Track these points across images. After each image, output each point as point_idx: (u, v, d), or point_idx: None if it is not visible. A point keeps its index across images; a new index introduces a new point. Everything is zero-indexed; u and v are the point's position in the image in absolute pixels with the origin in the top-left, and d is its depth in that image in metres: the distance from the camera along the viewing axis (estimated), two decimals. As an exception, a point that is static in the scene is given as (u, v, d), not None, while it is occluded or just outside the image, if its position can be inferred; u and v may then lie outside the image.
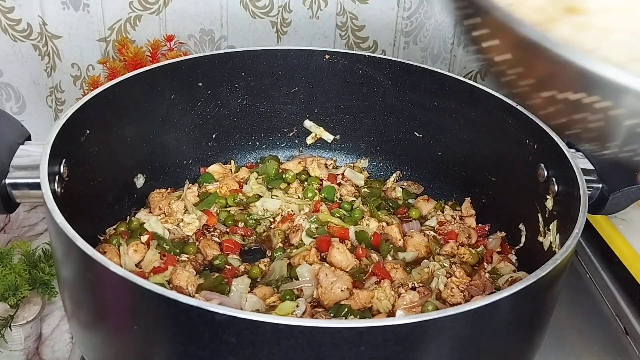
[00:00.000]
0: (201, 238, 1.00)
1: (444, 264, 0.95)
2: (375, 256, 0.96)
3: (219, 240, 1.00)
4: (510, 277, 0.92)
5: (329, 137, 1.18)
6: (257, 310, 0.86)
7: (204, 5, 1.32)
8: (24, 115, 1.39)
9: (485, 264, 0.97)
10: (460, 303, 0.88)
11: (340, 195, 1.10)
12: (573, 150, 0.88)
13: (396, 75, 1.10)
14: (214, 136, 1.13)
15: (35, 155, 0.79)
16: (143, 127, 1.02)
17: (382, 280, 0.89)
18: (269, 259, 0.97)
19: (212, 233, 1.01)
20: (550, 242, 0.89)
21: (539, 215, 0.92)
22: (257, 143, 1.17)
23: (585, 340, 1.04)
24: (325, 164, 1.16)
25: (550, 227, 0.89)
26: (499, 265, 0.96)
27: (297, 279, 0.91)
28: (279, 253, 0.97)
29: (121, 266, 0.85)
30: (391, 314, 0.86)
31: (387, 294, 0.87)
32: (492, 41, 0.53)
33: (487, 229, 1.05)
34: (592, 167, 0.88)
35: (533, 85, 0.53)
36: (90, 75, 1.35)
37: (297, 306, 0.85)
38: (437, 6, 1.33)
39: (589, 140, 0.54)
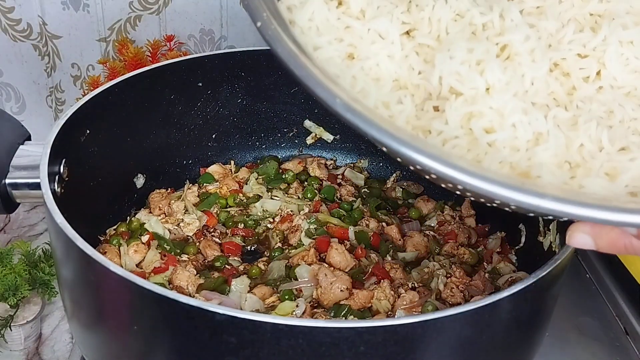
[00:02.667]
0: (201, 238, 1.00)
1: (444, 264, 0.95)
2: (374, 256, 0.96)
3: (220, 241, 1.00)
4: (510, 277, 0.92)
5: (329, 137, 1.18)
6: (257, 310, 0.86)
7: (204, 5, 1.32)
8: (24, 115, 1.39)
9: (485, 264, 0.97)
10: (460, 303, 0.88)
11: (340, 195, 1.10)
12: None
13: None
14: (214, 136, 1.13)
15: (35, 155, 0.79)
16: (143, 127, 1.02)
17: (382, 280, 0.89)
18: (268, 257, 0.97)
19: (213, 234, 1.01)
20: (550, 242, 0.89)
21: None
22: (257, 143, 1.17)
23: (585, 340, 1.04)
24: (325, 164, 1.16)
25: (550, 227, 0.89)
26: (499, 265, 0.96)
27: (295, 279, 0.91)
28: (277, 253, 0.97)
29: (122, 266, 0.85)
30: (391, 314, 0.86)
31: (386, 294, 0.87)
32: None
33: (487, 229, 1.05)
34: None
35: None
36: (90, 75, 1.35)
37: (297, 306, 0.85)
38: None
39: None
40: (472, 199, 0.62)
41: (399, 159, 0.56)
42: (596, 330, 1.06)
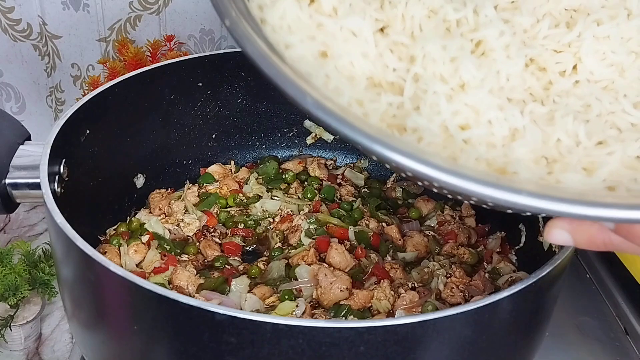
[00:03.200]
0: (201, 239, 1.00)
1: (444, 264, 0.95)
2: (374, 256, 0.96)
3: (220, 241, 1.00)
4: (510, 277, 0.92)
5: (329, 137, 1.18)
6: (257, 310, 0.86)
7: (204, 5, 1.32)
8: (24, 115, 1.39)
9: (485, 264, 0.97)
10: (460, 303, 0.88)
11: (340, 195, 1.10)
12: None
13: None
14: (214, 136, 1.13)
15: (35, 155, 0.79)
16: (143, 127, 1.02)
17: (382, 280, 0.89)
18: (267, 257, 0.98)
19: (213, 234, 1.01)
20: (550, 242, 0.89)
21: (539, 214, 0.92)
22: (257, 143, 1.17)
23: (585, 340, 1.04)
24: (325, 164, 1.16)
25: (550, 227, 0.89)
26: (499, 265, 0.96)
27: (295, 279, 0.91)
28: (276, 253, 0.97)
29: (122, 266, 0.85)
30: (391, 314, 0.86)
31: (386, 294, 0.87)
32: None
33: (487, 229, 1.05)
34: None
35: None
36: (90, 75, 1.35)
37: (297, 306, 0.86)
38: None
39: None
40: (449, 196, 0.62)
41: (373, 157, 0.55)
42: (596, 330, 1.06)
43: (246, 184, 1.10)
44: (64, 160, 0.83)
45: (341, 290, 0.86)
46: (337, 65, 0.60)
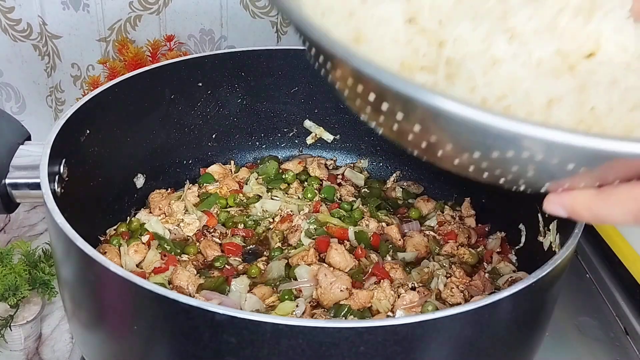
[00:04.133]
0: (202, 239, 1.00)
1: (444, 264, 0.95)
2: (374, 256, 0.96)
3: (220, 241, 1.00)
4: (510, 277, 0.93)
5: (329, 137, 1.18)
6: (257, 310, 0.86)
7: (204, 5, 1.32)
8: (24, 115, 1.39)
9: (485, 264, 0.97)
10: (460, 303, 0.88)
11: (340, 195, 1.10)
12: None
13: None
14: (214, 136, 1.13)
15: (35, 155, 0.79)
16: (143, 127, 1.02)
17: (382, 280, 0.89)
18: (267, 257, 0.98)
19: (213, 234, 1.01)
20: (550, 242, 0.89)
21: (539, 215, 0.92)
22: (257, 143, 1.17)
23: (585, 340, 1.04)
24: (325, 164, 1.16)
25: (550, 227, 0.89)
26: (499, 265, 0.96)
27: (295, 279, 0.91)
28: (276, 253, 0.97)
29: (122, 266, 0.85)
30: (391, 314, 0.86)
31: (386, 294, 0.87)
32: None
33: (487, 229, 1.05)
34: (592, 167, 0.88)
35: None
36: (90, 75, 1.35)
37: (297, 306, 0.86)
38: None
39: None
40: (487, 173, 0.61)
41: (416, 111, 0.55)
42: (596, 330, 1.06)
43: (246, 184, 1.10)
44: (64, 160, 0.83)
45: (341, 290, 0.86)
46: (371, 49, 0.61)
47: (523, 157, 0.53)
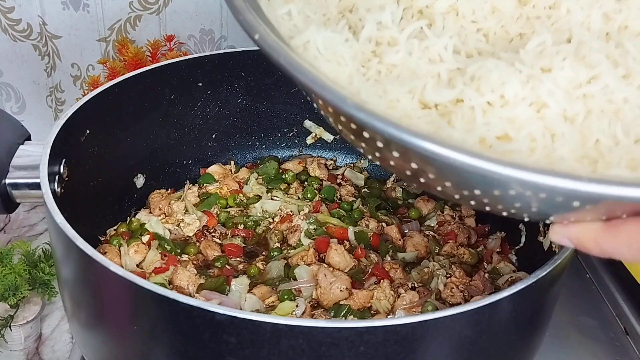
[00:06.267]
0: (202, 239, 1.00)
1: (444, 264, 0.95)
2: (374, 256, 0.96)
3: (220, 242, 1.00)
4: (510, 277, 0.92)
5: (329, 137, 1.18)
6: (257, 310, 0.86)
7: (204, 5, 1.32)
8: (24, 115, 1.39)
9: (485, 264, 0.97)
10: (460, 303, 0.88)
11: (340, 195, 1.10)
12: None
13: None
14: (214, 136, 1.13)
15: (35, 155, 0.79)
16: (143, 127, 1.02)
17: (382, 281, 0.89)
18: (265, 257, 0.98)
19: (213, 234, 1.01)
20: (550, 242, 0.89)
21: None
22: (257, 143, 1.17)
23: (585, 340, 1.04)
24: (325, 164, 1.16)
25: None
26: (499, 265, 0.96)
27: (295, 279, 0.91)
28: (275, 253, 0.97)
29: (122, 267, 0.85)
30: (391, 314, 0.86)
31: (386, 294, 0.87)
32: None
33: (487, 229, 1.05)
34: (592, 167, 0.88)
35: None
36: (90, 75, 1.35)
37: (297, 306, 0.86)
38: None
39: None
40: (488, 208, 0.60)
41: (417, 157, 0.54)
42: (596, 330, 1.06)
43: (246, 184, 1.10)
44: (64, 160, 0.83)
45: (341, 291, 0.86)
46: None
47: (526, 196, 0.52)
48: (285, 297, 0.87)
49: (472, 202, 0.58)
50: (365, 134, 0.56)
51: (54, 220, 0.70)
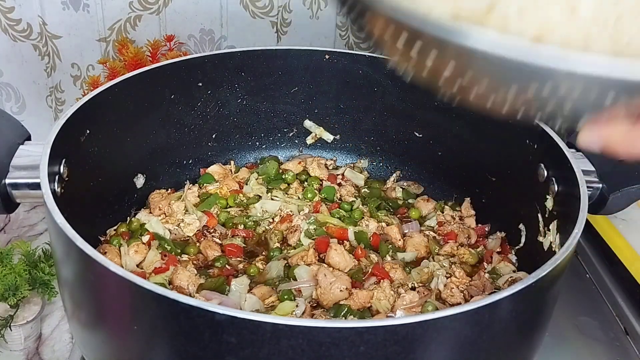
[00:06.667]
0: (202, 239, 1.00)
1: (444, 264, 0.95)
2: (374, 256, 0.96)
3: (220, 242, 1.00)
4: (510, 277, 0.92)
5: (329, 137, 1.18)
6: (257, 310, 0.86)
7: (204, 5, 1.32)
8: (24, 115, 1.39)
9: (485, 264, 0.97)
10: (460, 303, 0.88)
11: (340, 195, 1.10)
12: (573, 150, 0.88)
13: (396, 75, 1.09)
14: (214, 136, 1.13)
15: (35, 155, 0.79)
16: (143, 127, 1.02)
17: (382, 281, 0.89)
18: (265, 257, 0.98)
19: (213, 234, 1.01)
20: (550, 242, 0.89)
21: (539, 215, 0.92)
22: (257, 143, 1.17)
23: (585, 340, 1.04)
24: (325, 164, 1.16)
25: (550, 227, 0.89)
26: (499, 265, 0.96)
27: (295, 279, 0.91)
28: (275, 253, 0.97)
29: (122, 267, 0.85)
30: (391, 314, 0.86)
31: (386, 294, 0.87)
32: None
33: (487, 229, 1.05)
34: (592, 168, 0.88)
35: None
36: (90, 75, 1.35)
37: (297, 306, 0.86)
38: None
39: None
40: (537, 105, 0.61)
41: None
42: (596, 330, 1.06)
43: (246, 184, 1.10)
44: (64, 160, 0.83)
45: (341, 291, 0.86)
46: None
47: (561, 91, 0.52)
48: (285, 297, 0.87)
49: (506, 106, 0.58)
50: (403, 37, 0.56)
51: (54, 220, 0.70)
